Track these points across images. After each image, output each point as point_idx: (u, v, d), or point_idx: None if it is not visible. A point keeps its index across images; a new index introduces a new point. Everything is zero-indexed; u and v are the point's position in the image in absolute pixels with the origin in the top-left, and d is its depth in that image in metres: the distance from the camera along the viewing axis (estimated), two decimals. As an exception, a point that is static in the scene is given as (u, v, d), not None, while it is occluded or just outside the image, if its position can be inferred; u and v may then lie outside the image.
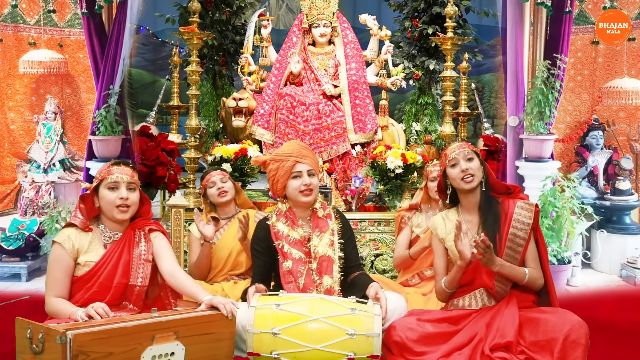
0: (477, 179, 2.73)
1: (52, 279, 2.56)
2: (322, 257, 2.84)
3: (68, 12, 6.27)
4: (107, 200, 2.60)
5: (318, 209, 2.95)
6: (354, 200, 4.42)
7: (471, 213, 2.81)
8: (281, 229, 2.88)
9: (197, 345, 2.34)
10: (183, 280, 2.60)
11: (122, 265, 2.59)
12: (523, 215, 2.71)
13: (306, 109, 4.49)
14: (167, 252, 2.69)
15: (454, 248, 2.77)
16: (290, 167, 2.86)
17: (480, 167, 2.75)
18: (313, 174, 2.88)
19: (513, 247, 2.69)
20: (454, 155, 2.75)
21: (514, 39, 4.63)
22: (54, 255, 2.58)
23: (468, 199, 2.79)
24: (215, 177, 3.62)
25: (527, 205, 2.74)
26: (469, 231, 2.77)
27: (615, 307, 4.07)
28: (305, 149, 2.96)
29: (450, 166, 2.76)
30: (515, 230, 2.69)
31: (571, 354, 2.41)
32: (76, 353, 2.04)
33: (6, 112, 6.14)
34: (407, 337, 2.59)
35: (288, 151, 2.91)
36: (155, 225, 2.74)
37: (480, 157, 2.79)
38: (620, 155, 5.71)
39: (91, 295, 2.54)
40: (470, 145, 2.80)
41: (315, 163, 2.94)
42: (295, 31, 4.85)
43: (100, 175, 2.65)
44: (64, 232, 2.61)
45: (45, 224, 4.56)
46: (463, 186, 2.73)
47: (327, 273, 2.83)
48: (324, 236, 2.88)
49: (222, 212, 3.65)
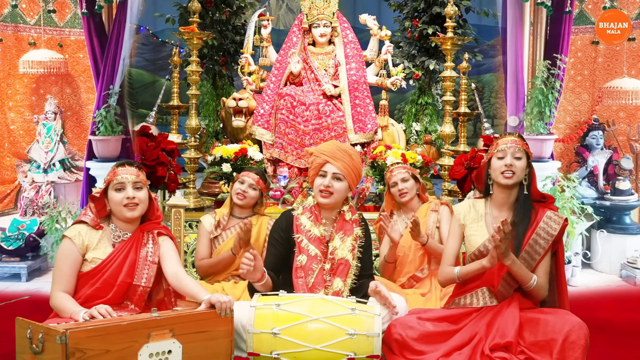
0: (516, 177, 2.68)
1: (60, 273, 2.59)
2: (341, 260, 2.84)
3: (68, 12, 6.28)
4: (115, 201, 2.64)
5: (346, 212, 2.94)
6: (354, 200, 4.42)
7: (500, 209, 2.77)
8: (304, 223, 2.88)
9: (194, 343, 2.35)
10: (185, 281, 2.63)
11: (128, 265, 2.62)
12: (549, 226, 2.68)
13: (306, 109, 4.49)
14: (173, 255, 2.72)
15: (472, 239, 2.76)
16: (319, 164, 2.86)
17: (525, 169, 2.71)
18: (340, 179, 2.84)
19: (531, 252, 2.66)
20: (505, 147, 2.71)
21: (514, 39, 4.64)
22: (63, 249, 2.61)
23: (502, 195, 2.74)
24: (249, 178, 3.55)
25: (556, 217, 2.70)
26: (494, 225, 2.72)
27: (615, 307, 4.08)
28: (344, 152, 2.88)
29: (497, 157, 2.72)
30: (538, 238, 2.66)
31: (571, 355, 2.41)
32: (72, 350, 2.05)
33: (6, 112, 6.14)
34: (407, 335, 2.59)
35: (324, 149, 2.90)
36: (165, 230, 2.78)
37: (529, 159, 2.74)
38: (620, 155, 5.71)
39: (94, 292, 2.57)
40: (524, 144, 2.75)
41: (350, 169, 2.86)
42: (295, 31, 4.85)
43: (107, 179, 2.69)
44: (74, 228, 2.65)
45: (45, 224, 4.56)
46: (500, 179, 2.69)
47: (341, 276, 2.83)
48: (347, 240, 2.88)
49: (238, 211, 3.62)
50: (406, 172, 3.61)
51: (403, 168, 3.65)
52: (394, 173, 3.63)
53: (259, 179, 3.57)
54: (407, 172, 3.62)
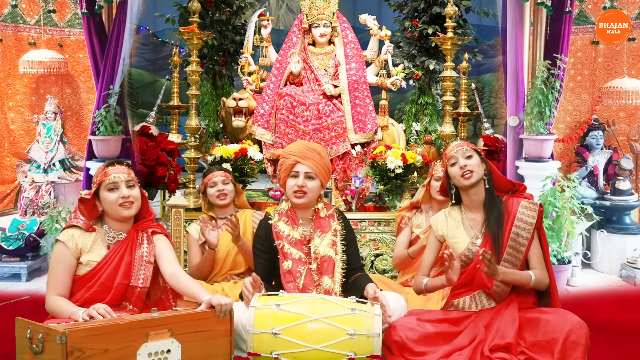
0: (476, 175, 2.74)
1: (54, 277, 2.57)
2: (323, 257, 2.84)
3: (68, 12, 6.27)
4: (110, 201, 2.61)
5: (321, 209, 2.95)
6: (354, 200, 4.42)
7: (474, 211, 2.81)
8: (282, 229, 2.89)
9: (193, 342, 2.35)
10: (184, 281, 2.61)
11: (124, 266, 2.61)
12: (526, 215, 2.71)
13: (306, 109, 4.49)
14: (169, 254, 2.70)
15: (455, 246, 2.79)
16: (289, 165, 2.87)
17: (480, 164, 2.76)
18: (312, 177, 2.86)
19: (515, 246, 2.68)
20: (453, 153, 2.79)
21: (514, 39, 4.63)
22: (57, 253, 2.60)
23: (471, 197, 2.79)
24: (217, 177, 3.60)
25: (531, 204, 2.74)
26: (473, 228, 2.78)
27: (615, 307, 4.08)
28: (312, 150, 2.91)
29: (450, 165, 2.79)
30: (518, 230, 2.69)
31: (571, 355, 2.41)
32: (71, 350, 2.05)
33: (6, 112, 6.14)
34: (407, 336, 2.59)
35: (293, 149, 2.92)
36: (159, 228, 2.76)
37: (481, 155, 2.81)
38: (620, 155, 5.71)
39: (92, 295, 2.55)
40: (469, 144, 2.84)
41: (320, 166, 2.88)
42: (295, 31, 4.85)
43: (98, 179, 2.66)
44: (67, 232, 2.63)
45: (45, 224, 4.55)
46: (462, 182, 2.74)
47: (328, 273, 2.83)
48: (326, 237, 2.88)
49: (219, 212, 3.65)
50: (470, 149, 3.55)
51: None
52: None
53: (224, 172, 3.65)
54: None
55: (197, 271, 3.48)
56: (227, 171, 3.73)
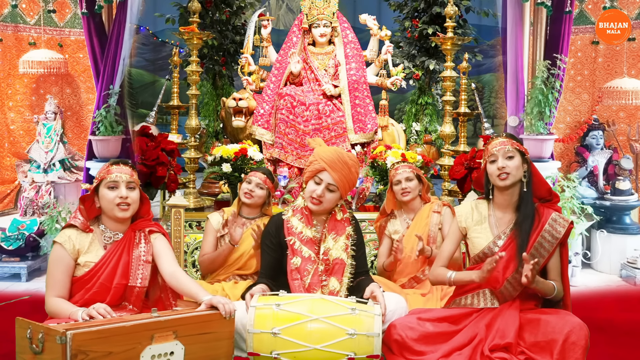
0: (512, 177, 2.66)
1: (53, 279, 2.56)
2: (336, 259, 2.84)
3: (68, 12, 6.28)
4: (107, 199, 2.60)
5: (337, 211, 2.93)
6: (354, 200, 4.42)
7: (503, 210, 2.75)
8: (295, 225, 2.87)
9: (196, 344, 2.34)
10: (183, 281, 2.60)
11: (122, 266, 2.60)
12: (555, 229, 2.66)
13: (306, 109, 4.49)
14: (168, 253, 2.69)
15: (475, 241, 2.75)
16: (316, 170, 2.84)
17: (520, 166, 2.68)
18: (333, 190, 2.83)
19: (535, 255, 2.63)
20: (494, 151, 2.70)
21: (514, 39, 4.64)
22: (55, 255, 2.58)
23: (504, 197, 2.73)
24: (256, 178, 3.52)
25: (562, 220, 2.68)
26: (498, 227, 2.73)
27: (615, 307, 4.08)
28: (343, 164, 2.84)
29: (489, 162, 2.72)
30: (543, 240, 2.65)
31: (571, 355, 2.41)
32: (75, 352, 2.04)
33: (6, 112, 6.14)
34: (407, 336, 2.58)
35: (324, 155, 2.85)
36: (156, 227, 2.74)
37: (524, 156, 2.72)
38: (620, 155, 5.71)
39: (91, 296, 2.54)
40: (514, 143, 2.72)
41: (345, 180, 2.84)
42: (295, 31, 4.85)
43: (100, 175, 2.65)
44: (64, 233, 2.61)
45: (45, 224, 4.56)
46: (497, 183, 2.69)
47: (337, 276, 2.83)
48: (340, 239, 2.88)
49: (246, 210, 3.60)
50: (411, 172, 3.60)
51: (408, 167, 3.65)
52: (398, 171, 3.62)
53: (266, 179, 3.56)
54: (412, 171, 3.61)
55: (209, 262, 3.44)
56: (271, 178, 3.61)
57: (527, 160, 2.72)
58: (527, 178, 2.70)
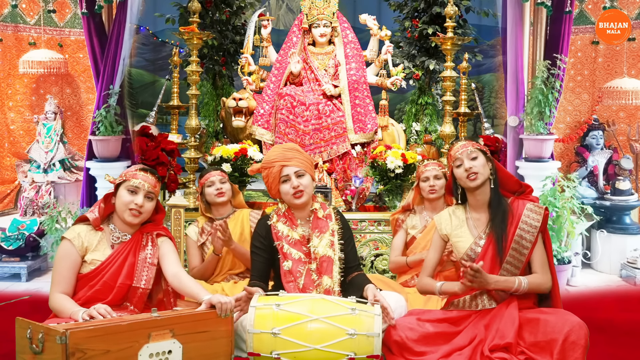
0: (482, 176, 2.71)
1: (59, 275, 2.59)
2: (322, 257, 2.85)
3: (68, 12, 6.27)
4: (123, 201, 2.66)
5: (318, 209, 2.95)
6: (354, 200, 4.42)
7: (479, 211, 2.79)
8: (281, 229, 2.89)
9: (194, 343, 2.35)
10: (186, 282, 2.64)
11: (127, 267, 2.63)
12: (531, 218, 2.69)
13: (306, 109, 4.49)
14: (172, 256, 2.73)
15: (458, 245, 2.77)
16: (277, 172, 2.88)
17: (486, 164, 2.73)
18: (302, 174, 2.88)
19: (518, 249, 2.67)
20: (458, 155, 2.75)
21: (514, 39, 4.63)
22: (62, 251, 2.62)
23: (476, 197, 2.77)
24: (214, 177, 3.61)
25: (537, 208, 2.72)
26: (477, 228, 2.76)
27: (615, 307, 4.08)
28: (291, 150, 2.94)
29: (455, 166, 2.76)
30: (522, 232, 2.68)
31: (571, 355, 2.41)
32: (73, 350, 2.05)
33: (6, 112, 6.14)
34: (407, 336, 2.59)
35: (273, 157, 2.92)
36: (164, 231, 2.79)
37: (486, 155, 2.77)
38: (620, 155, 5.71)
39: (94, 294, 2.57)
40: (474, 144, 2.79)
41: (304, 161, 2.91)
42: (295, 31, 4.85)
43: (125, 176, 2.71)
44: (74, 229, 2.66)
45: (45, 224, 4.55)
46: (469, 184, 2.72)
47: (327, 273, 2.83)
48: (324, 237, 2.89)
49: (217, 212, 3.65)
50: (440, 170, 3.63)
51: (438, 165, 3.69)
52: (427, 168, 3.65)
53: (220, 172, 3.66)
54: (441, 169, 3.64)
55: (199, 274, 3.49)
56: (223, 171, 3.73)
57: (490, 158, 2.78)
58: (493, 175, 2.75)
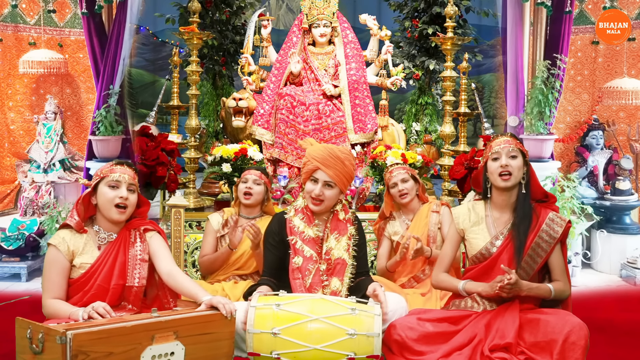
0: (514, 178, 2.67)
1: (49, 281, 2.54)
2: (337, 259, 2.83)
3: (68, 12, 6.28)
4: (107, 197, 2.58)
5: (339, 211, 2.93)
6: (354, 200, 4.42)
7: (500, 211, 2.75)
8: (297, 225, 2.87)
9: (197, 345, 2.34)
10: (181, 281, 2.59)
11: (119, 267, 2.58)
12: (552, 228, 2.66)
13: (306, 109, 4.49)
14: (164, 252, 2.67)
15: (473, 242, 2.75)
16: (311, 170, 2.83)
17: (521, 168, 2.69)
18: (331, 186, 2.82)
19: (533, 255, 2.65)
20: (498, 148, 2.70)
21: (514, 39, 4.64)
22: (50, 257, 2.56)
23: (502, 197, 2.73)
24: (251, 175, 3.54)
25: (559, 219, 2.69)
26: (495, 228, 2.73)
27: (615, 307, 4.08)
28: (335, 158, 2.83)
29: (492, 159, 2.71)
30: (540, 241, 2.66)
31: (571, 355, 2.41)
32: (76, 353, 2.04)
33: (6, 112, 6.14)
34: (407, 336, 2.58)
35: (316, 153, 2.84)
36: (151, 225, 2.71)
37: (525, 158, 2.72)
38: (620, 155, 5.71)
39: (89, 298, 2.52)
40: (517, 143, 2.73)
41: (341, 175, 2.82)
42: (295, 31, 4.85)
43: (102, 173, 2.64)
44: (58, 235, 2.60)
45: (45, 224, 4.56)
46: (499, 182, 2.68)
47: (338, 276, 2.82)
48: (342, 239, 2.87)
49: (246, 211, 3.60)
50: (406, 173, 3.59)
51: (402, 169, 3.63)
52: (393, 174, 3.61)
53: (261, 174, 3.57)
54: (406, 172, 3.59)
55: (208, 262, 3.44)
56: (265, 174, 3.63)
57: (527, 162, 2.73)
58: (525, 180, 2.70)
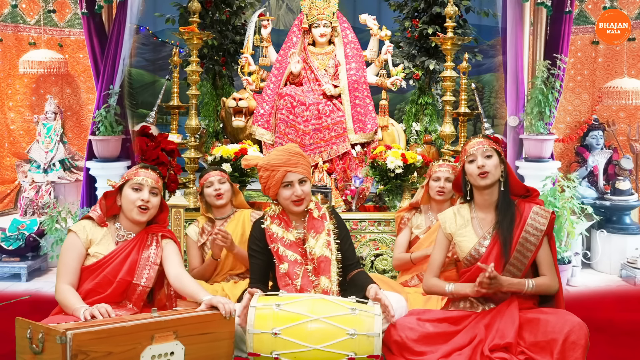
0: (492, 176, 2.70)
1: (65, 266, 2.63)
2: (320, 257, 2.82)
3: (68, 12, 6.27)
4: (130, 199, 2.70)
5: (313, 209, 2.92)
6: (354, 200, 4.42)
7: (484, 211, 2.78)
8: (275, 231, 2.86)
9: (197, 344, 2.35)
10: (187, 283, 2.66)
11: (129, 263, 2.66)
12: (537, 221, 2.69)
13: (306, 109, 4.49)
14: (176, 258, 2.75)
15: (462, 244, 2.77)
16: (281, 177, 2.82)
17: (498, 165, 2.73)
18: (305, 181, 2.84)
19: (522, 251, 2.67)
20: (473, 150, 2.74)
21: (514, 39, 4.64)
22: (68, 243, 2.67)
23: (484, 197, 2.76)
24: (213, 177, 3.60)
25: (543, 211, 2.71)
26: (481, 228, 2.75)
27: (615, 307, 4.08)
28: (296, 155, 2.86)
29: (468, 161, 2.75)
30: (527, 235, 2.67)
31: (571, 355, 2.41)
32: (76, 352, 2.05)
33: (6, 112, 6.14)
34: (407, 336, 2.58)
35: (278, 161, 2.83)
36: (169, 233, 2.82)
37: (500, 156, 2.77)
38: (620, 155, 5.71)
39: (94, 286, 2.61)
40: (491, 143, 2.78)
41: (307, 167, 2.87)
42: (295, 31, 4.85)
43: (127, 176, 2.76)
44: (80, 223, 2.73)
45: (45, 224, 4.56)
46: (478, 182, 2.71)
47: (324, 274, 2.81)
48: (320, 237, 2.86)
49: (218, 212, 3.65)
50: (452, 173, 3.60)
51: (451, 168, 3.65)
52: (441, 168, 3.63)
53: (220, 172, 3.63)
54: (453, 173, 3.60)
55: (199, 275, 3.49)
56: (223, 171, 3.71)
57: (503, 160, 2.77)
58: (504, 177, 2.74)
